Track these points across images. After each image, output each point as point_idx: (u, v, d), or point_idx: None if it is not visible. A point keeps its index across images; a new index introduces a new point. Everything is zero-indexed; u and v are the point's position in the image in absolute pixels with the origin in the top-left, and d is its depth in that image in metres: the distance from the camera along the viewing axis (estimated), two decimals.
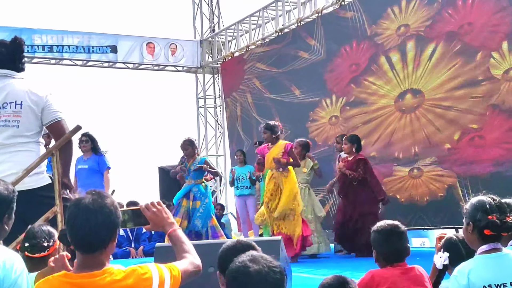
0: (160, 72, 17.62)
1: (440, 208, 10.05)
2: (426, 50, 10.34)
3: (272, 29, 14.67)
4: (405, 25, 10.78)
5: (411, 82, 10.60)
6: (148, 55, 16.38)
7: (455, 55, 9.87)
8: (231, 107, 15.73)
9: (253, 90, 14.77)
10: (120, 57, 16.03)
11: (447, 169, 9.95)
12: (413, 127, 10.51)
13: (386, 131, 10.98)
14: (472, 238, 3.22)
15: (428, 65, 10.29)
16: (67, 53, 15.49)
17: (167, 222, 2.97)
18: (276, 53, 14.06)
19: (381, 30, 11.24)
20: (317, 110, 12.70)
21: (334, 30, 12.33)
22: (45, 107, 4.57)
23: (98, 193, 2.59)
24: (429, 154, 10.26)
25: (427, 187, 10.27)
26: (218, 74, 17.50)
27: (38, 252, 3.58)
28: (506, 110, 9.14)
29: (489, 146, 9.35)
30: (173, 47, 16.72)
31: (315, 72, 12.74)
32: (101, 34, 15.99)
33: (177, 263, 2.78)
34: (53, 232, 3.71)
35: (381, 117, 11.13)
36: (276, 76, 13.97)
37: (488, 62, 9.34)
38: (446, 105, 10.00)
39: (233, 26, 16.14)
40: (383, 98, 11.14)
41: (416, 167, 10.44)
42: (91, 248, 2.52)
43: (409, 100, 10.64)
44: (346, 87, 11.98)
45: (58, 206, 4.28)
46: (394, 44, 10.96)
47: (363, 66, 11.58)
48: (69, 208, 2.58)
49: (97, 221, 2.50)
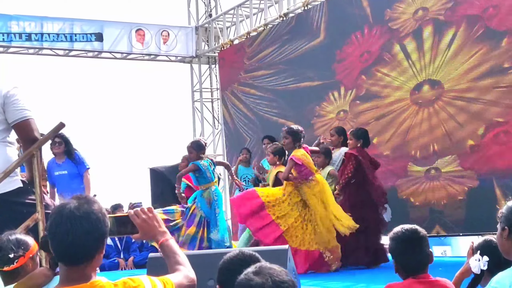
0: (151, 62, 17.62)
1: (461, 212, 10.04)
2: (446, 36, 10.32)
3: (276, 13, 14.65)
4: (423, 8, 10.76)
5: (428, 73, 10.58)
6: (138, 43, 16.37)
7: (478, 41, 9.86)
8: (229, 100, 15.71)
9: (255, 82, 14.75)
10: (106, 45, 16.02)
11: (469, 169, 9.94)
12: (431, 122, 10.50)
13: (401, 127, 10.96)
14: (508, 245, 3.19)
15: (448, 53, 10.27)
16: (47, 41, 15.46)
17: (159, 231, 2.97)
18: (279, 41, 14.04)
19: (396, 15, 11.21)
20: (324, 104, 12.69)
21: (344, 14, 12.31)
22: (9, 103, 4.46)
23: (84, 198, 2.58)
24: (449, 152, 10.25)
25: (446, 189, 10.26)
26: (215, 64, 17.48)
27: (6, 265, 3.56)
28: None
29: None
30: (165, 34, 16.71)
31: (322, 62, 12.72)
32: (85, 20, 15.97)
33: (171, 276, 2.79)
34: (23, 241, 3.67)
35: (395, 112, 11.12)
36: (280, 65, 13.95)
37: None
38: (468, 97, 9.99)
39: (232, 11, 16.13)
40: (397, 91, 11.13)
41: (433, 167, 10.43)
42: (75, 259, 2.50)
43: (427, 92, 10.63)
44: (356, 78, 11.97)
45: (39, 213, 4.28)
46: (410, 30, 10.94)
47: (375, 55, 11.56)
48: (51, 214, 2.55)
49: (82, 229, 2.47)
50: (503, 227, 3.19)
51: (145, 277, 2.68)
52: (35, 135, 4.49)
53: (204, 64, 17.77)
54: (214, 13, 17.21)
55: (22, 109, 4.49)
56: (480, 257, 3.53)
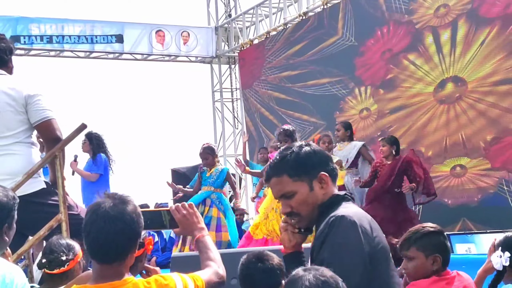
0: (171, 63, 17.69)
1: (485, 210, 9.98)
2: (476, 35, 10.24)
3: (295, 12, 14.64)
4: (444, 5, 10.71)
5: (455, 70, 10.53)
6: (158, 44, 16.42)
7: (506, 43, 9.79)
8: (250, 100, 15.72)
9: (274, 81, 14.76)
10: (127, 47, 16.10)
11: (494, 168, 9.89)
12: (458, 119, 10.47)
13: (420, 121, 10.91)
14: None
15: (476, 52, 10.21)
16: (68, 43, 15.56)
17: (197, 227, 3.04)
18: (299, 40, 14.03)
19: (421, 11, 11.16)
20: (346, 102, 12.68)
21: (365, 12, 12.29)
22: (31, 104, 4.47)
23: (119, 197, 2.60)
24: (473, 150, 10.20)
25: (471, 187, 10.21)
26: (235, 64, 17.51)
27: (57, 268, 3.62)
28: None
29: None
30: (185, 35, 16.75)
31: (343, 60, 12.70)
32: (106, 22, 16.07)
33: (200, 273, 2.83)
34: (72, 244, 3.75)
35: (417, 105, 11.11)
36: (300, 65, 13.94)
37: None
38: (489, 101, 9.97)
39: (251, 11, 16.14)
40: (421, 84, 11.11)
41: (459, 165, 10.38)
42: (108, 258, 2.54)
43: (450, 89, 10.59)
44: (379, 76, 11.94)
45: (62, 214, 4.30)
46: (431, 27, 10.89)
47: (399, 53, 11.53)
48: (86, 213, 2.60)
49: (116, 229, 2.51)
50: None
51: (176, 274, 2.72)
52: (57, 134, 4.51)
53: (224, 64, 17.79)
54: (233, 13, 17.22)
55: (43, 109, 4.50)
56: (501, 253, 3.50)
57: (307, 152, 2.84)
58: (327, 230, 2.62)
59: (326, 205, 2.79)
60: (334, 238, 2.58)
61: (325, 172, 2.81)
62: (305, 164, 2.81)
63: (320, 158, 2.85)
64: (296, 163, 2.81)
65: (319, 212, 2.79)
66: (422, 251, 3.59)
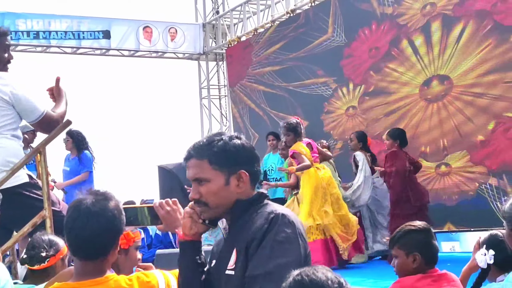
0: (158, 59, 17.65)
1: (470, 208, 10.01)
2: (454, 31, 10.29)
3: (283, 10, 14.64)
4: (431, 4, 10.73)
5: (437, 67, 10.56)
6: (145, 40, 16.38)
7: (486, 36, 9.83)
8: (237, 97, 15.71)
9: (262, 79, 14.75)
10: (114, 43, 16.03)
11: (480, 165, 9.92)
12: (441, 118, 10.48)
13: (411, 123, 10.93)
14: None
15: (456, 47, 10.25)
16: (55, 39, 15.49)
17: (181, 224, 2.98)
18: (287, 37, 14.03)
19: (404, 10, 11.19)
20: (333, 100, 12.69)
21: (352, 10, 12.29)
22: (20, 103, 4.45)
23: (101, 194, 2.60)
24: (459, 147, 10.22)
25: (456, 185, 10.23)
26: (223, 61, 17.49)
27: (37, 264, 3.60)
28: None
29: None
30: (173, 31, 16.71)
31: (331, 58, 12.71)
32: (93, 18, 16.00)
33: None
34: (55, 241, 3.72)
35: (404, 108, 11.10)
36: (287, 62, 13.94)
37: None
38: (477, 92, 9.97)
39: (239, 8, 16.13)
40: (406, 86, 11.11)
41: (444, 163, 10.40)
42: (90, 254, 2.54)
43: (435, 87, 10.61)
44: (365, 74, 11.96)
45: (46, 210, 4.28)
46: (418, 25, 10.92)
47: (384, 51, 11.55)
48: (68, 209, 2.59)
49: (98, 225, 2.51)
50: (511, 227, 3.17)
51: (158, 271, 2.72)
52: (58, 121, 4.53)
53: (212, 61, 17.78)
54: (221, 10, 17.20)
55: (35, 107, 4.50)
56: (486, 251, 3.53)
57: (236, 144, 2.72)
58: (268, 226, 2.53)
59: (250, 201, 2.69)
60: (276, 235, 2.51)
61: (246, 171, 2.69)
62: (230, 156, 2.69)
63: (247, 155, 2.74)
64: (221, 152, 2.69)
65: (242, 207, 2.68)
66: (403, 249, 3.61)
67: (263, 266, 2.45)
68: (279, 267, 2.42)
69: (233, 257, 2.58)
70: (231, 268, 2.57)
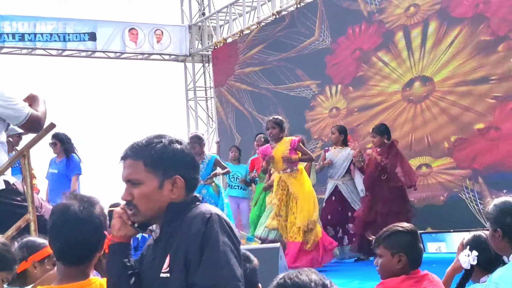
0: (144, 61, 17.60)
1: (452, 209, 10.06)
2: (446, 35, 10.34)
3: (269, 11, 14.65)
4: (415, 5, 10.79)
5: (419, 69, 10.62)
6: (131, 42, 16.35)
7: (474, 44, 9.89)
8: (223, 99, 15.71)
9: (248, 80, 14.76)
10: (100, 45, 16.00)
11: (460, 167, 9.99)
12: (424, 118, 10.56)
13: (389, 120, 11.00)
14: (502, 245, 3.20)
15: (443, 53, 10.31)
16: (41, 41, 15.45)
17: None
18: (273, 39, 14.05)
19: (390, 10, 11.24)
20: (317, 101, 12.73)
21: (338, 11, 12.33)
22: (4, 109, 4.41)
23: (87, 200, 2.60)
24: (438, 149, 10.32)
25: (437, 186, 10.30)
26: (209, 62, 17.48)
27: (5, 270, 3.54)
28: None
29: (504, 138, 9.42)
30: (159, 33, 16.69)
31: (316, 59, 12.74)
32: (78, 20, 15.95)
33: None
34: (30, 244, 3.66)
35: (385, 103, 11.18)
36: (273, 64, 13.96)
37: None
38: (451, 100, 10.11)
39: (225, 9, 16.13)
40: (389, 86, 11.21)
41: (424, 164, 10.47)
42: (75, 259, 2.56)
43: (418, 88, 10.69)
44: (349, 75, 12.01)
45: (30, 214, 4.26)
46: (402, 26, 10.97)
47: (368, 52, 11.61)
48: (53, 214, 2.59)
49: (86, 231, 2.54)
50: (495, 229, 3.18)
51: None
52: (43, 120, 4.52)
53: (198, 63, 17.77)
54: (207, 12, 17.20)
55: (19, 109, 4.46)
56: (469, 252, 3.54)
57: (175, 149, 2.63)
58: (205, 229, 2.46)
59: (184, 204, 2.61)
60: (218, 236, 2.45)
61: (182, 177, 2.60)
62: (167, 160, 2.60)
63: (185, 161, 2.65)
64: (159, 154, 2.60)
65: (175, 210, 2.58)
66: (389, 249, 3.62)
67: (216, 274, 2.40)
68: (231, 268, 2.40)
69: (167, 261, 2.50)
70: (165, 271, 2.48)
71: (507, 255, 3.20)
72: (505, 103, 9.38)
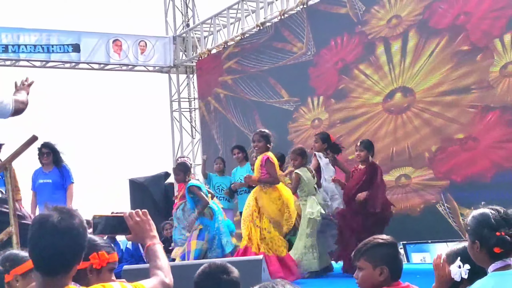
0: (128, 72, 17.60)
1: (431, 220, 10.11)
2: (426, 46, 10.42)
3: (253, 22, 14.68)
4: (397, 16, 10.88)
5: (403, 80, 10.69)
6: (115, 54, 16.32)
7: (453, 54, 9.97)
8: (207, 110, 15.71)
9: (232, 91, 14.77)
10: (84, 56, 15.96)
11: (439, 178, 10.05)
12: (405, 129, 10.63)
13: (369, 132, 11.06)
14: (481, 257, 3.20)
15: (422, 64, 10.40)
16: (24, 53, 15.40)
17: (149, 235, 3.02)
18: (257, 50, 14.09)
19: (374, 21, 11.30)
20: (299, 112, 12.78)
21: (321, 23, 12.38)
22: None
23: (66, 211, 2.59)
24: (418, 159, 10.37)
25: (417, 197, 10.37)
26: (193, 74, 17.48)
27: None
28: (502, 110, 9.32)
29: (483, 149, 9.51)
30: (143, 44, 16.68)
31: (299, 70, 12.79)
32: (62, 31, 15.93)
33: (145, 282, 2.82)
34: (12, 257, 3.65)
35: (367, 115, 11.25)
36: (257, 75, 13.99)
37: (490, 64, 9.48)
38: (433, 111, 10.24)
39: (209, 20, 16.14)
40: (370, 97, 11.31)
41: (404, 174, 10.52)
42: (55, 271, 2.54)
43: (399, 100, 10.74)
44: (332, 86, 12.07)
45: (12, 227, 4.24)
46: (385, 37, 11.06)
47: (351, 64, 11.68)
48: (33, 225, 2.58)
49: (64, 243, 2.52)
50: (473, 240, 3.20)
51: (117, 283, 2.71)
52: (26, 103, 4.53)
53: (182, 74, 17.75)
54: (191, 23, 17.20)
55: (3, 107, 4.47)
56: (461, 263, 3.52)
57: None
58: None
59: None
60: None
61: None
62: None
63: None
64: None
65: None
66: (370, 262, 3.61)
67: None
68: None
69: None
70: None
71: (486, 266, 3.21)
72: (484, 113, 9.46)
